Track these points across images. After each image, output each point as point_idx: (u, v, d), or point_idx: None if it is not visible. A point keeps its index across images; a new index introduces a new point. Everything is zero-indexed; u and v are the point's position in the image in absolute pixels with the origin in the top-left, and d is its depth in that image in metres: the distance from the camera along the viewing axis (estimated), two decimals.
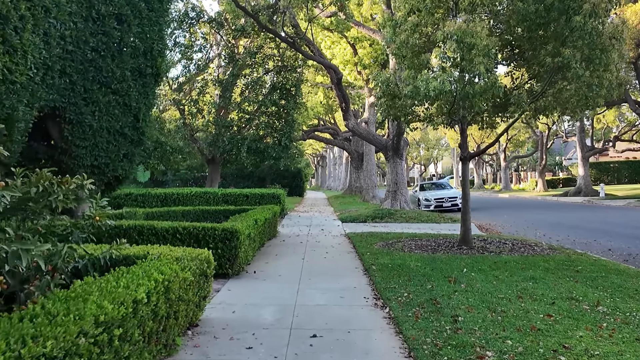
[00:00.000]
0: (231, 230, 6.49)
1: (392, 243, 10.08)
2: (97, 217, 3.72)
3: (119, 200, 16.29)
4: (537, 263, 7.44)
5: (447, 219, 16.08)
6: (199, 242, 6.54)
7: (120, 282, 2.79)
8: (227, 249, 6.51)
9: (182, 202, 16.03)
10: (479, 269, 6.99)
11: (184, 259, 4.12)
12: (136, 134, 10.71)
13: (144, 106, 10.79)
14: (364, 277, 6.86)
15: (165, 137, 16.48)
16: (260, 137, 17.07)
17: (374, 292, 5.87)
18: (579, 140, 33.18)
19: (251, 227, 7.35)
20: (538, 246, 9.66)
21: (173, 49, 16.96)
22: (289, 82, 17.25)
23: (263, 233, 8.93)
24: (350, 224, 14.94)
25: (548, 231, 13.60)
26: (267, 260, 8.06)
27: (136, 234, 6.54)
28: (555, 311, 4.75)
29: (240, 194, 16.38)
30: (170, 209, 11.98)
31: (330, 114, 36.73)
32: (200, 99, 17.61)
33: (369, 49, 23.84)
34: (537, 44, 8.77)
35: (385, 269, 7.07)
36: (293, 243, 10.43)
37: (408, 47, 8.78)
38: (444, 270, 6.87)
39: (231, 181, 36.00)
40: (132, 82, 10.44)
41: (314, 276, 6.89)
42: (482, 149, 9.61)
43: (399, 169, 17.88)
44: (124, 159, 10.60)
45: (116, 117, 10.21)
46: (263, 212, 9.19)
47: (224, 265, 6.53)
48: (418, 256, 8.18)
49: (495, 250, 8.91)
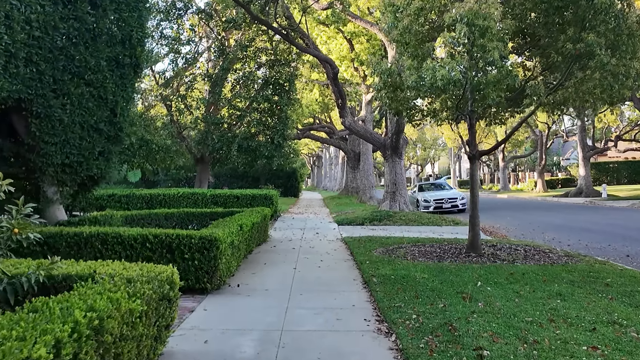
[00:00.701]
0: (210, 239, 5.59)
1: (393, 249, 9.21)
2: (15, 230, 2.81)
3: (101, 201, 15.34)
4: (559, 274, 6.59)
5: (448, 221, 15.24)
6: (173, 252, 5.64)
7: (13, 333, 1.89)
8: (205, 260, 5.61)
9: (168, 204, 15.10)
10: (495, 281, 6.13)
11: (137, 280, 3.22)
12: (113, 130, 9.76)
13: (122, 99, 9.84)
14: (363, 291, 5.98)
15: (151, 135, 15.54)
16: (252, 135, 16.14)
17: (376, 312, 4.99)
18: (580, 139, 32.50)
19: (235, 234, 6.45)
20: (553, 253, 8.82)
21: (160, 41, 16.02)
22: (282, 77, 16.32)
23: (251, 239, 8.03)
24: (347, 227, 14.06)
25: (556, 234, 12.79)
26: (254, 271, 7.16)
27: (99, 244, 5.63)
28: (599, 341, 3.89)
29: (231, 195, 15.46)
30: (152, 212, 11.05)
31: (326, 112, 35.86)
32: (189, 95, 16.65)
33: (366, 45, 22.99)
34: (554, 30, 7.93)
35: (388, 281, 6.20)
36: (285, 249, 9.54)
37: (411, 33, 7.91)
38: (455, 284, 6.00)
39: (224, 181, 35.03)
40: (109, 73, 9.50)
41: (306, 291, 6.00)
42: (492, 146, 8.77)
43: (397, 169, 17.03)
44: (99, 157, 9.65)
45: (90, 110, 9.26)
46: (251, 216, 8.28)
47: (202, 278, 5.63)
48: (423, 265, 7.31)
49: (507, 258, 8.05)
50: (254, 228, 8.13)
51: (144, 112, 16.57)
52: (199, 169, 17.57)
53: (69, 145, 9.04)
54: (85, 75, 9.12)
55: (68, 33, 8.82)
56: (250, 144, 15.74)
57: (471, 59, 7.03)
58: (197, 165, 17.55)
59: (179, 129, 16.62)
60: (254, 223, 8.02)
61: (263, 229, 9.93)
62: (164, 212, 11.17)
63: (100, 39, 9.37)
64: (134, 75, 10.24)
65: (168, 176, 38.96)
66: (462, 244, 9.77)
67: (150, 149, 15.28)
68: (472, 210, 8.72)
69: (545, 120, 38.87)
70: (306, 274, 7.00)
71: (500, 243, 9.96)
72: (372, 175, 26.46)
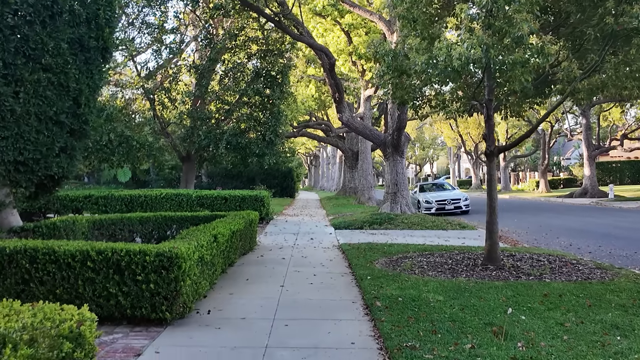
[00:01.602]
0: (169, 256, 4.37)
1: (397, 260, 8.01)
2: None
3: (77, 203, 14.09)
4: (603, 296, 5.40)
5: (454, 224, 14.07)
6: (122, 273, 4.41)
7: None
8: (163, 283, 4.39)
9: (150, 206, 13.84)
10: (529, 307, 4.93)
11: (10, 342, 2.00)
12: (77, 123, 8.52)
13: (87, 88, 8.59)
14: (365, 319, 4.77)
15: (132, 132, 14.29)
16: (242, 131, 14.89)
17: (383, 356, 3.79)
18: (585, 138, 31.44)
19: (206, 248, 5.22)
20: (581, 264, 7.64)
21: (141, 29, 14.74)
22: (274, 69, 15.07)
23: (231, 250, 6.81)
24: (345, 231, 12.86)
25: (572, 239, 11.64)
26: (232, 290, 5.94)
27: (27, 262, 4.40)
28: None
29: (218, 196, 14.23)
30: (125, 216, 9.78)
31: (323, 110, 34.63)
32: (173, 87, 15.38)
33: (365, 38, 21.79)
34: (587, 5, 6.74)
35: (395, 306, 5.00)
36: (273, 259, 8.32)
37: (421, 6, 6.71)
38: (480, 310, 4.80)
39: (218, 181, 33.78)
40: (71, 57, 8.25)
41: (294, 318, 4.79)
42: (514, 141, 7.60)
43: (399, 168, 15.83)
44: (60, 153, 8.40)
45: (49, 100, 8.01)
46: (232, 223, 7.05)
47: (159, 306, 4.40)
48: (436, 283, 6.11)
49: (532, 272, 6.86)
50: (234, 237, 6.90)
51: (125, 106, 15.30)
52: (184, 168, 16.29)
53: (23, 139, 7.77)
54: (43, 59, 7.86)
55: (21, 10, 7.58)
56: (240, 141, 14.49)
57: (494, 34, 5.84)
58: (183, 164, 16.28)
59: (162, 124, 15.36)
60: (234, 231, 6.79)
61: (249, 236, 8.72)
62: (138, 216, 9.91)
63: (60, 18, 8.10)
64: (101, 60, 8.98)
65: (160, 176, 37.65)
66: (474, 253, 8.59)
67: (131, 146, 14.02)
68: (490, 215, 7.53)
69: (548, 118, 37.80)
70: (295, 294, 5.79)
71: (518, 252, 8.78)
72: (371, 175, 25.26)
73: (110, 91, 15.55)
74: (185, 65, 15.61)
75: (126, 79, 16.19)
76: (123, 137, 14.03)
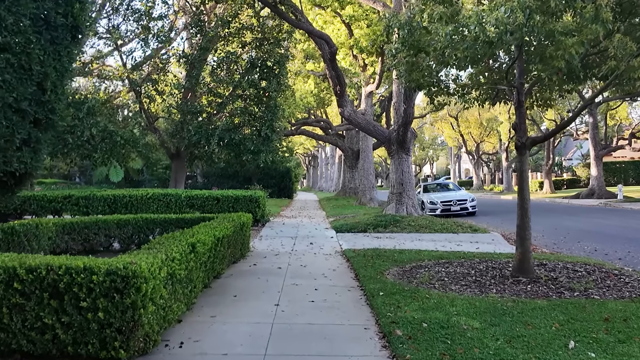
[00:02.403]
0: (124, 275, 3.25)
1: (411, 270, 6.91)
2: None
3: (55, 204, 12.96)
4: None
5: (465, 227, 13.00)
6: (61, 297, 3.30)
7: None
8: (116, 311, 3.27)
9: (135, 207, 12.71)
10: (593, 337, 3.84)
11: None
12: (41, 112, 7.40)
13: (54, 72, 7.48)
14: (383, 355, 3.67)
15: (115, 126, 13.16)
16: (235, 126, 13.76)
17: None
18: (592, 137, 30.41)
19: (178, 261, 4.11)
20: (625, 275, 6.56)
21: (127, 16, 13.60)
22: (271, 59, 13.94)
23: (215, 261, 5.69)
24: (347, 235, 11.76)
25: (596, 244, 10.59)
26: (215, 311, 4.82)
27: None
28: None
29: (210, 196, 13.11)
30: (100, 219, 8.65)
31: (322, 107, 33.54)
32: (161, 79, 14.24)
33: (367, 30, 20.74)
34: None
35: (420, 336, 3.90)
36: (268, 269, 7.21)
37: None
38: (531, 343, 3.71)
39: (214, 181, 32.62)
40: (34, 36, 7.14)
41: (292, 354, 3.69)
42: (550, 132, 6.54)
43: (404, 167, 14.74)
44: (23, 146, 7.29)
45: (8, 84, 6.89)
46: (218, 228, 5.94)
47: (111, 342, 3.29)
48: (464, 301, 5.01)
49: (573, 286, 5.78)
50: (220, 245, 5.78)
51: (108, 99, 14.16)
52: (174, 167, 15.15)
53: None
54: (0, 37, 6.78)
55: None
56: (234, 136, 13.36)
57: None
58: (172, 162, 15.15)
59: (150, 119, 14.23)
60: (219, 238, 5.66)
61: (240, 241, 7.60)
62: (116, 218, 8.77)
63: None
64: (71, 40, 7.86)
65: (154, 175, 36.47)
66: (498, 262, 7.51)
67: (115, 142, 12.89)
68: (521, 219, 6.44)
69: (552, 117, 36.89)
70: (293, 317, 4.68)
71: (548, 260, 7.69)
72: (372, 174, 24.16)
73: (93, 83, 14.42)
74: (175, 55, 14.47)
75: (110, 70, 15.04)
76: (106, 132, 12.90)
